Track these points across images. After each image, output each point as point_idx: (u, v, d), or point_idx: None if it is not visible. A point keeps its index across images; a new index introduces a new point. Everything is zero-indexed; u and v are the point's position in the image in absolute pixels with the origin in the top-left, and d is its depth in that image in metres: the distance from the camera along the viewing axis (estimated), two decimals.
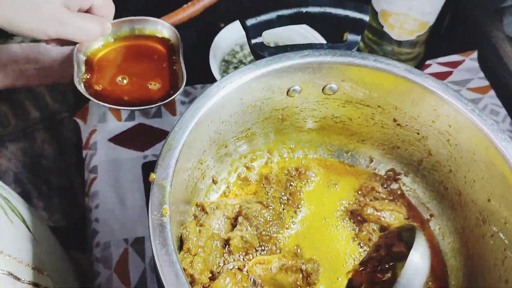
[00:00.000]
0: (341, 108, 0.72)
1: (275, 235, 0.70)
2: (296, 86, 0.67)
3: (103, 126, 0.93)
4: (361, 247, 0.70)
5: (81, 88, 0.68)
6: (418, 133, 0.70)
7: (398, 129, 0.72)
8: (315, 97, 0.70)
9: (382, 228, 0.71)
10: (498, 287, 0.58)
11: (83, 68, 0.72)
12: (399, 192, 0.76)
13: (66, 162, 1.29)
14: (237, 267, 0.67)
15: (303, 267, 0.65)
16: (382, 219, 0.70)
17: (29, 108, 1.28)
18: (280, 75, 0.64)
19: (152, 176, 0.54)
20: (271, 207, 0.71)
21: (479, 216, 0.64)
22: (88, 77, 0.71)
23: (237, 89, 0.62)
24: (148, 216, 0.51)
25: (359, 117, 0.73)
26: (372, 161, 0.78)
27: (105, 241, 0.81)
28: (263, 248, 0.69)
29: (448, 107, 0.63)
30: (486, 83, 1.01)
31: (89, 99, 0.68)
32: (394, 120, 0.71)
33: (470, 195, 0.65)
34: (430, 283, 0.68)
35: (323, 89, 0.69)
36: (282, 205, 0.74)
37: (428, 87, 0.63)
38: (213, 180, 0.73)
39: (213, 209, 0.69)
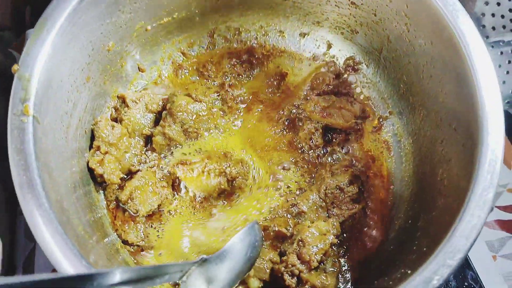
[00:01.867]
0: None
1: (205, 132, 0.62)
2: None
3: None
4: (302, 150, 0.61)
5: None
6: (375, 15, 0.57)
7: (354, 9, 0.59)
8: None
9: (327, 128, 0.61)
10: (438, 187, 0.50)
11: None
12: (355, 87, 0.65)
13: None
14: (160, 166, 0.61)
15: (228, 170, 0.58)
16: (326, 116, 0.60)
17: None
18: None
19: (15, 67, 0.45)
20: (203, 101, 0.63)
21: (434, 117, 0.54)
22: None
23: None
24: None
25: None
26: (331, 47, 0.66)
27: None
28: (189, 145, 0.62)
29: None
30: None
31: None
32: None
33: (427, 91, 0.54)
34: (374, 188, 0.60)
35: None
36: (218, 100, 0.64)
37: None
38: (139, 68, 0.64)
39: (135, 102, 0.61)
